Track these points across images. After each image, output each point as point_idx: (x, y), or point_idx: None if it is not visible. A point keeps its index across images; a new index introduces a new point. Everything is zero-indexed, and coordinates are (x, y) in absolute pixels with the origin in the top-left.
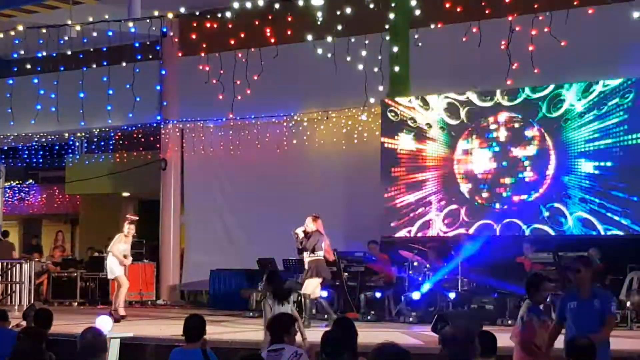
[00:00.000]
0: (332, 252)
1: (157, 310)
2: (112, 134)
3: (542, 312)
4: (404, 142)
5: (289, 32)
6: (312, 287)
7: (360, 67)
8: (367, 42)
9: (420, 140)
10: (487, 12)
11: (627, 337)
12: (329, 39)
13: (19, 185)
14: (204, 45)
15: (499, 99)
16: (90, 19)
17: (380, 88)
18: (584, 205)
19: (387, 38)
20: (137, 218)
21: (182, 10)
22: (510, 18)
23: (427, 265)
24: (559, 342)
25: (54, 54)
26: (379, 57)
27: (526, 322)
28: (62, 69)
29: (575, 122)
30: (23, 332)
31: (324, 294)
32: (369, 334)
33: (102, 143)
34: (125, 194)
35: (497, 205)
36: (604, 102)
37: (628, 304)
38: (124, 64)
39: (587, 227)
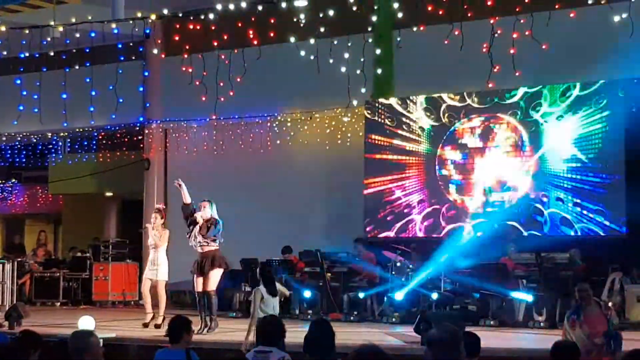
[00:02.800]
0: None
1: (140, 311)
2: (95, 134)
3: (575, 312)
4: (387, 143)
5: (271, 34)
6: (217, 280)
7: (344, 69)
8: (350, 44)
9: (403, 140)
10: (469, 14)
11: None
12: (312, 40)
13: (1, 185)
14: (187, 47)
15: (481, 100)
16: (73, 20)
17: (363, 90)
18: (565, 206)
19: (370, 40)
20: (162, 206)
21: (165, 11)
22: (492, 21)
23: (410, 266)
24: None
25: (37, 55)
26: (362, 59)
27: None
28: (44, 69)
29: (556, 123)
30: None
31: None
32: (351, 335)
33: (85, 143)
34: (109, 194)
35: (480, 206)
36: (584, 103)
37: (610, 304)
38: (106, 65)
39: (568, 228)
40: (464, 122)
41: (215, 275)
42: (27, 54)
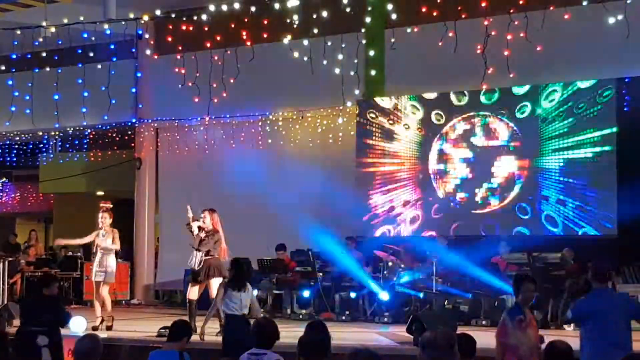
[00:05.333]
0: (227, 253)
1: (132, 310)
2: (87, 133)
3: (520, 312)
4: (379, 143)
5: (265, 35)
6: (217, 287)
7: (337, 70)
8: (343, 45)
9: (395, 140)
10: (463, 15)
11: None
12: (305, 41)
13: None
14: (180, 47)
15: (474, 101)
16: (65, 20)
17: (357, 92)
18: (559, 206)
19: (364, 41)
20: (110, 206)
21: (158, 12)
22: (486, 22)
23: (402, 266)
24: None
25: (29, 55)
26: (355, 61)
27: (500, 323)
28: (36, 70)
29: (548, 123)
30: None
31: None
32: (343, 335)
33: (77, 142)
34: (100, 193)
35: (472, 206)
36: (577, 103)
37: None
38: (99, 65)
39: (560, 227)
40: (456, 122)
41: (214, 284)
42: (19, 55)
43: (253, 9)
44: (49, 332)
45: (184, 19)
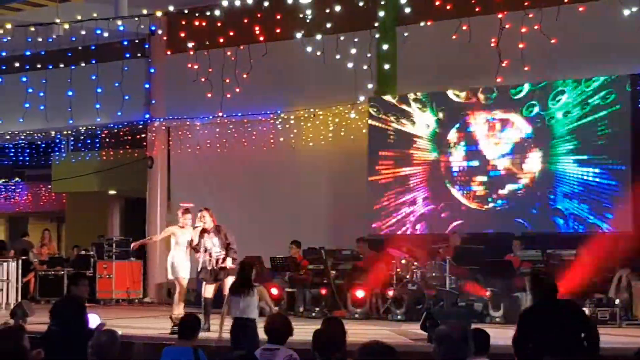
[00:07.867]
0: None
1: (145, 308)
2: (99, 132)
3: None
4: (392, 139)
5: (278, 31)
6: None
7: (350, 65)
8: (356, 40)
9: (408, 137)
10: (477, 9)
11: (616, 335)
12: (318, 37)
13: (5, 183)
14: (193, 44)
15: (488, 96)
16: (79, 18)
17: (370, 86)
18: (572, 202)
19: (377, 36)
20: (189, 205)
21: (171, 8)
22: (500, 16)
23: (415, 263)
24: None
25: (42, 52)
26: (368, 55)
27: None
28: (50, 67)
29: (563, 119)
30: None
31: None
32: (357, 332)
33: (89, 141)
34: (112, 192)
35: (485, 204)
36: (592, 99)
37: (617, 301)
38: (112, 62)
39: (575, 224)
40: (470, 118)
41: (229, 283)
42: (32, 52)
43: (266, 4)
44: (65, 334)
45: (197, 15)
